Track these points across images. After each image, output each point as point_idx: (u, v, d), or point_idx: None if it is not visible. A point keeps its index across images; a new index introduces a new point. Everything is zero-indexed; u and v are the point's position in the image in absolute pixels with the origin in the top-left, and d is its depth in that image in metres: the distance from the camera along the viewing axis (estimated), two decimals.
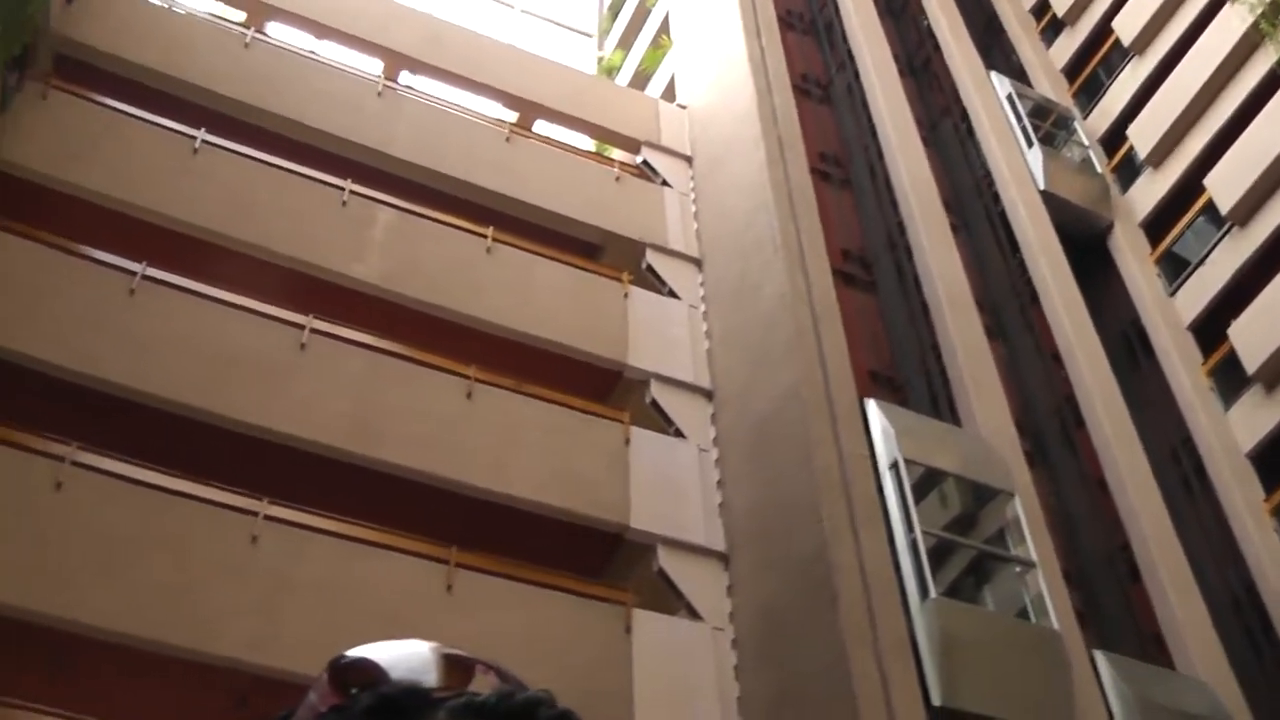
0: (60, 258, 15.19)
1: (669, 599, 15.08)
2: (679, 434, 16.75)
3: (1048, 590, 13.55)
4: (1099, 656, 13.77)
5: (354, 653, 1.30)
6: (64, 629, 12.79)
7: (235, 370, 15.11)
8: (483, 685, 1.25)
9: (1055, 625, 13.31)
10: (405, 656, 1.29)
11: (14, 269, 14.83)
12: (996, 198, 20.42)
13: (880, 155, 19.93)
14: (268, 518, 14.11)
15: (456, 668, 1.30)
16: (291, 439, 14.97)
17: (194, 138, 17.17)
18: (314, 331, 15.92)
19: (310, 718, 1.25)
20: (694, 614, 14.77)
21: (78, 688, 13.77)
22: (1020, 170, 20.72)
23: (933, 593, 12.80)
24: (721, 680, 14.07)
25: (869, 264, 17.95)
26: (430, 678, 1.28)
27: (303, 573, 13.86)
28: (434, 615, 13.86)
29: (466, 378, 16.32)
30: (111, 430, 14.54)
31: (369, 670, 1.28)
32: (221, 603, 13.22)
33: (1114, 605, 15.31)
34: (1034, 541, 14.03)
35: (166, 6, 20.04)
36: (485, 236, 18.26)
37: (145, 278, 15.32)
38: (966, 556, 14.24)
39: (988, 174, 20.84)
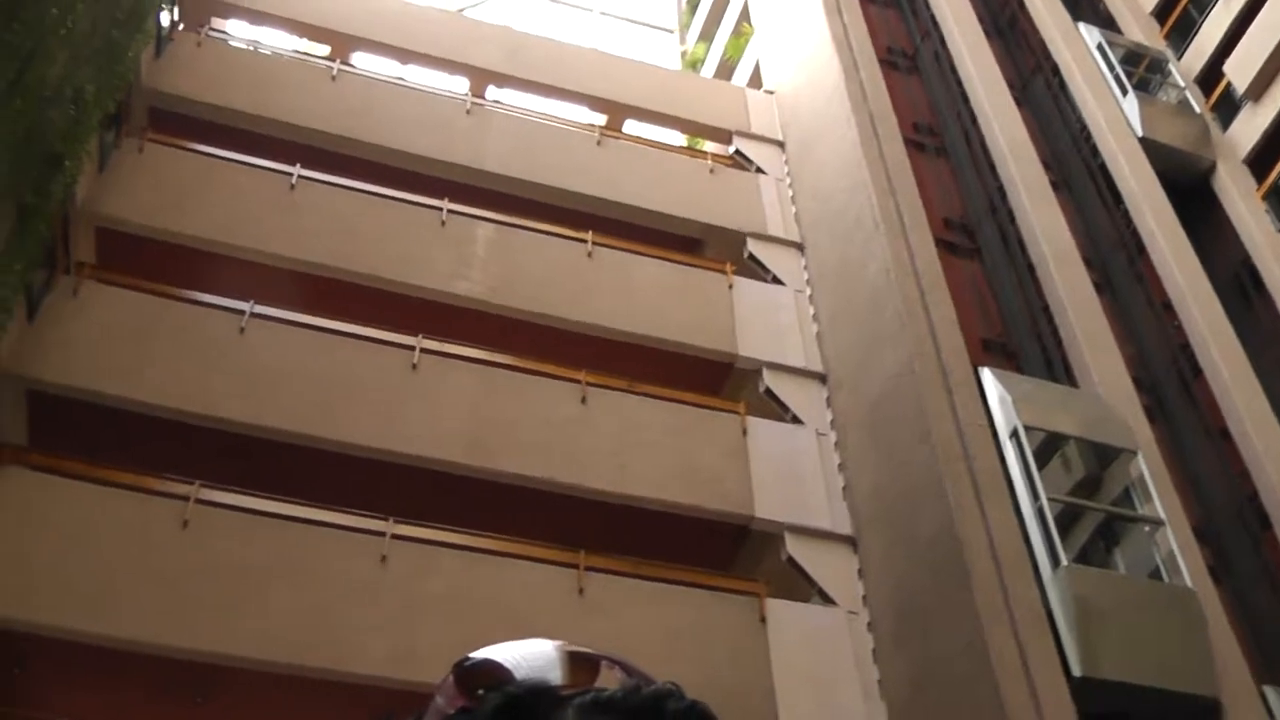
0: (169, 305, 15.55)
1: (800, 587, 14.99)
2: (796, 420, 16.64)
3: (1178, 547, 13.19)
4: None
5: (479, 654, 1.31)
6: (204, 661, 13.11)
7: (350, 397, 15.33)
8: (608, 681, 1.24)
9: (1189, 583, 12.99)
10: (530, 656, 1.30)
11: (125, 320, 15.19)
12: (1095, 150, 19.96)
13: (974, 120, 19.63)
14: (395, 537, 14.30)
15: (581, 665, 1.30)
16: (411, 459, 15.15)
17: (290, 174, 17.45)
18: (424, 351, 16.09)
19: None
20: (827, 600, 14.67)
21: (222, 717, 14.13)
22: (1117, 120, 20.25)
23: (1064, 560, 12.52)
24: (860, 665, 13.94)
25: (972, 231, 17.68)
26: (555, 676, 1.29)
27: (435, 587, 14.01)
28: (568, 620, 13.93)
29: (579, 383, 16.38)
30: (234, 466, 14.85)
31: (494, 671, 1.30)
32: (357, 623, 13.42)
33: (1246, 557, 14.90)
34: (1161, 499, 13.67)
35: (252, 49, 20.41)
36: (585, 241, 18.32)
37: (254, 315, 15.61)
38: (1094, 520, 13.90)
39: (1084, 127, 20.39)
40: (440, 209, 17.99)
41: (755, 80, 24.20)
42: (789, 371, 17.27)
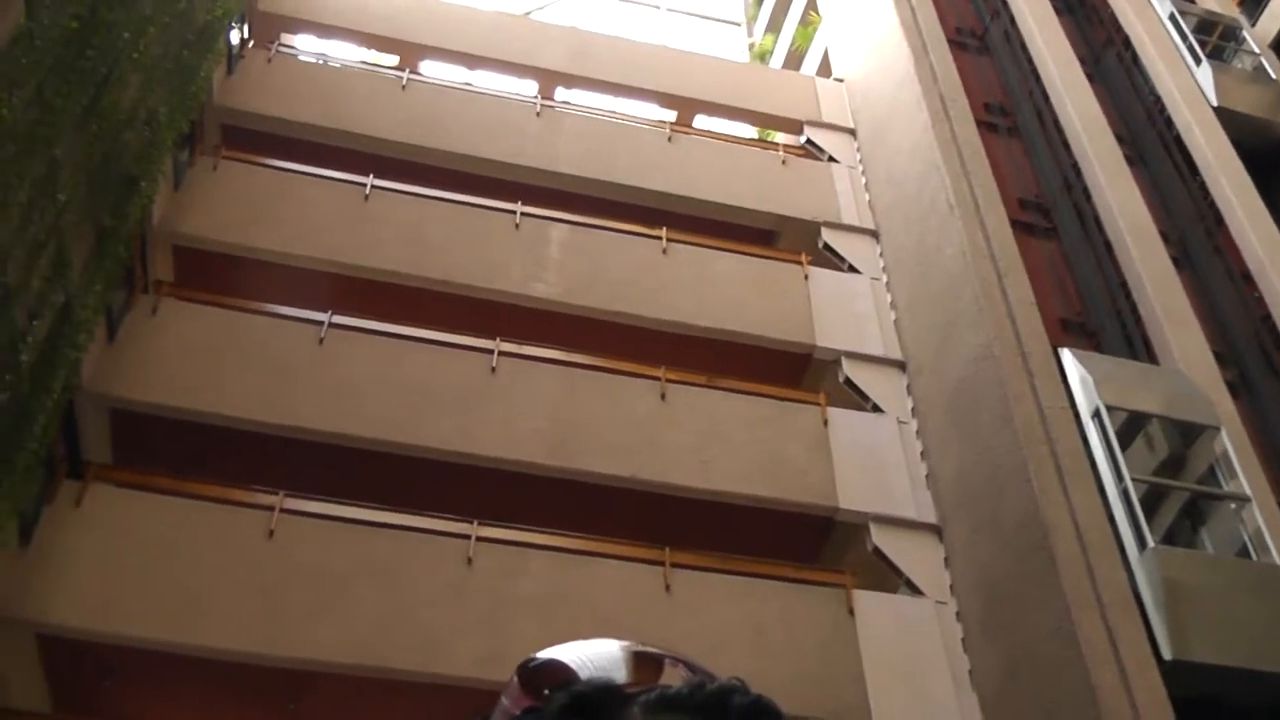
0: (247, 319, 15.78)
1: (887, 577, 14.86)
2: (876, 409, 16.51)
3: (1265, 524, 12.87)
4: None
5: (543, 654, 1.32)
6: (294, 668, 13.30)
7: (430, 402, 15.44)
8: (673, 678, 1.23)
9: (1278, 560, 12.69)
10: (594, 656, 1.30)
11: (205, 336, 15.46)
12: (1169, 122, 19.53)
13: (1046, 97, 19.32)
14: (480, 539, 14.40)
15: (646, 663, 1.30)
16: (493, 461, 15.24)
17: (363, 185, 17.64)
18: (503, 354, 16.18)
19: None
20: (914, 589, 14.52)
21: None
22: (1190, 90, 19.82)
23: (1150, 542, 12.24)
24: (950, 654, 13.77)
25: (1047, 210, 17.42)
26: (620, 675, 1.28)
27: (521, 588, 14.09)
28: (655, 617, 13.93)
29: (658, 380, 16.37)
30: (317, 475, 15.07)
31: (559, 671, 1.29)
32: (445, 625, 13.53)
33: None
34: (1246, 475, 13.34)
35: (321, 63, 20.64)
36: (660, 238, 18.31)
37: (332, 325, 15.78)
38: (1179, 499, 13.60)
39: (1157, 99, 19.98)
40: (514, 212, 18.08)
41: (824, 69, 24.06)
42: (868, 360, 17.14)
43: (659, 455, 15.62)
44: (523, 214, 18.10)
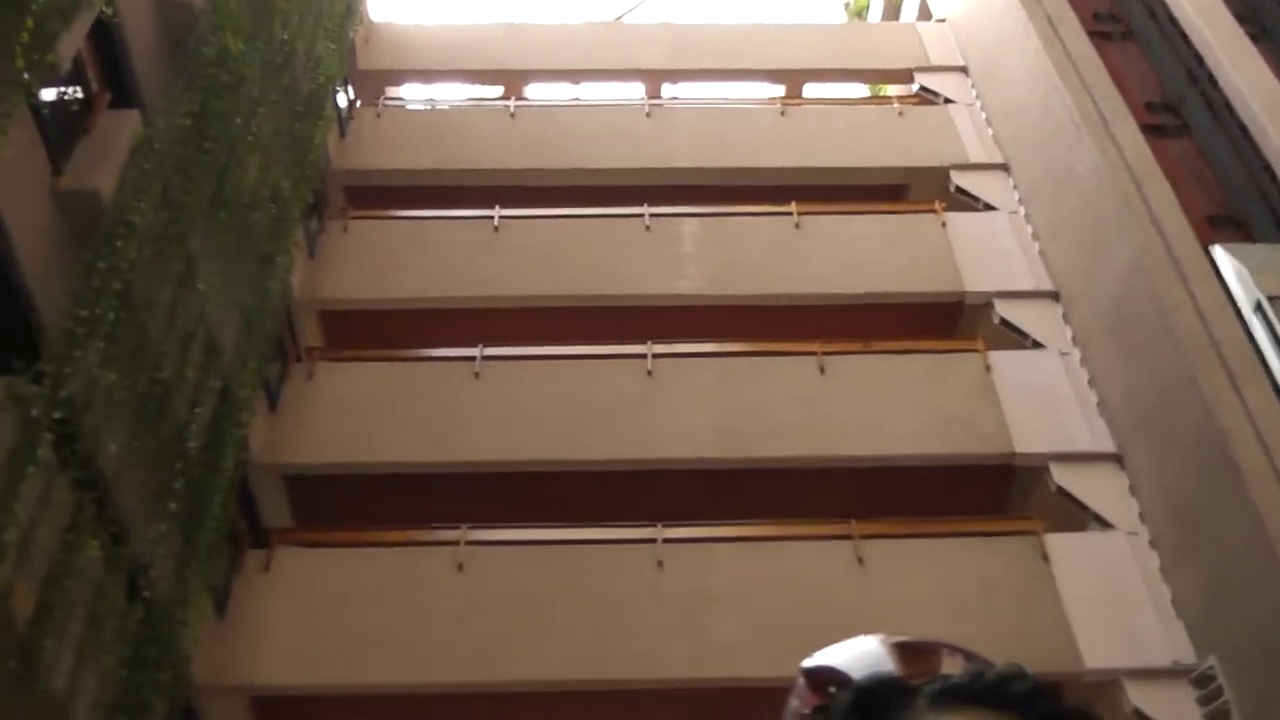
0: (401, 367, 16.17)
1: (1074, 516, 14.47)
2: (1036, 345, 16.11)
3: None
4: None
5: (811, 661, 1.32)
6: (503, 691, 13.58)
7: (592, 415, 15.61)
8: (951, 666, 1.24)
9: None
10: (859, 655, 1.32)
11: (362, 391, 15.88)
12: None
13: None
14: (666, 541, 14.49)
15: (912, 654, 1.32)
16: (665, 462, 15.35)
17: (491, 217, 17.88)
18: (656, 356, 16.26)
19: None
20: (1105, 524, 14.11)
21: None
22: None
23: None
24: (1150, 584, 13.33)
25: (1175, 108, 16.80)
26: (890, 669, 1.30)
27: (714, 583, 14.15)
28: (853, 591, 13.84)
29: (815, 354, 16.25)
30: (496, 504, 15.38)
31: (834, 673, 1.30)
32: (645, 631, 13.69)
33: None
34: None
35: (429, 108, 21.00)
36: (791, 214, 18.19)
37: (485, 358, 16.04)
38: None
39: None
40: (642, 215, 18.15)
41: (924, 13, 23.58)
42: (1020, 296, 16.72)
43: (827, 430, 15.51)
44: (651, 215, 18.16)
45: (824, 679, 1.29)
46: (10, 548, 8.75)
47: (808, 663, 1.32)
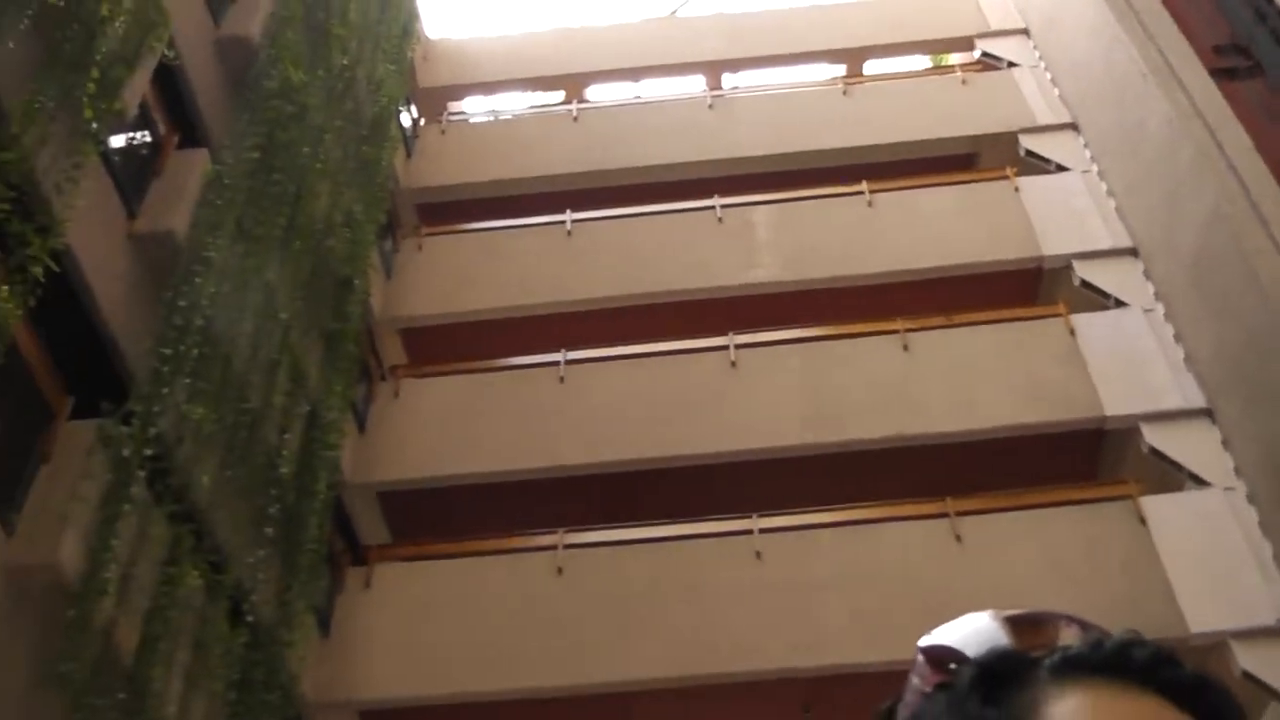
0: (486, 378, 16.35)
1: (1169, 476, 14.23)
2: (1119, 304, 15.85)
3: None
4: None
5: (927, 639, 1.35)
6: (613, 692, 13.69)
7: (679, 410, 15.65)
8: (1068, 637, 1.26)
9: None
10: (972, 632, 1.31)
11: (449, 404, 16.10)
12: None
13: None
14: (763, 531, 14.48)
15: (1025, 627, 1.31)
16: (755, 452, 15.36)
17: (563, 222, 17.99)
18: (739, 347, 16.24)
19: (918, 700, 1.29)
20: (1200, 482, 13.85)
21: None
22: None
23: None
24: (1250, 541, 13.04)
25: (1245, 49, 16.47)
26: (1004, 643, 1.29)
27: (815, 570, 14.14)
28: (952, 569, 13.74)
29: (897, 332, 16.16)
30: (591, 506, 15.48)
31: (951, 651, 1.31)
32: (750, 622, 13.70)
33: None
34: None
35: (493, 119, 21.17)
36: (862, 192, 18.09)
37: (569, 362, 16.14)
38: None
39: None
40: (713, 207, 18.15)
41: None
42: (1099, 256, 16.45)
43: (915, 408, 15.43)
44: (722, 206, 18.13)
45: (942, 657, 1.30)
46: (111, 584, 8.97)
47: (925, 641, 1.33)
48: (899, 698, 1.33)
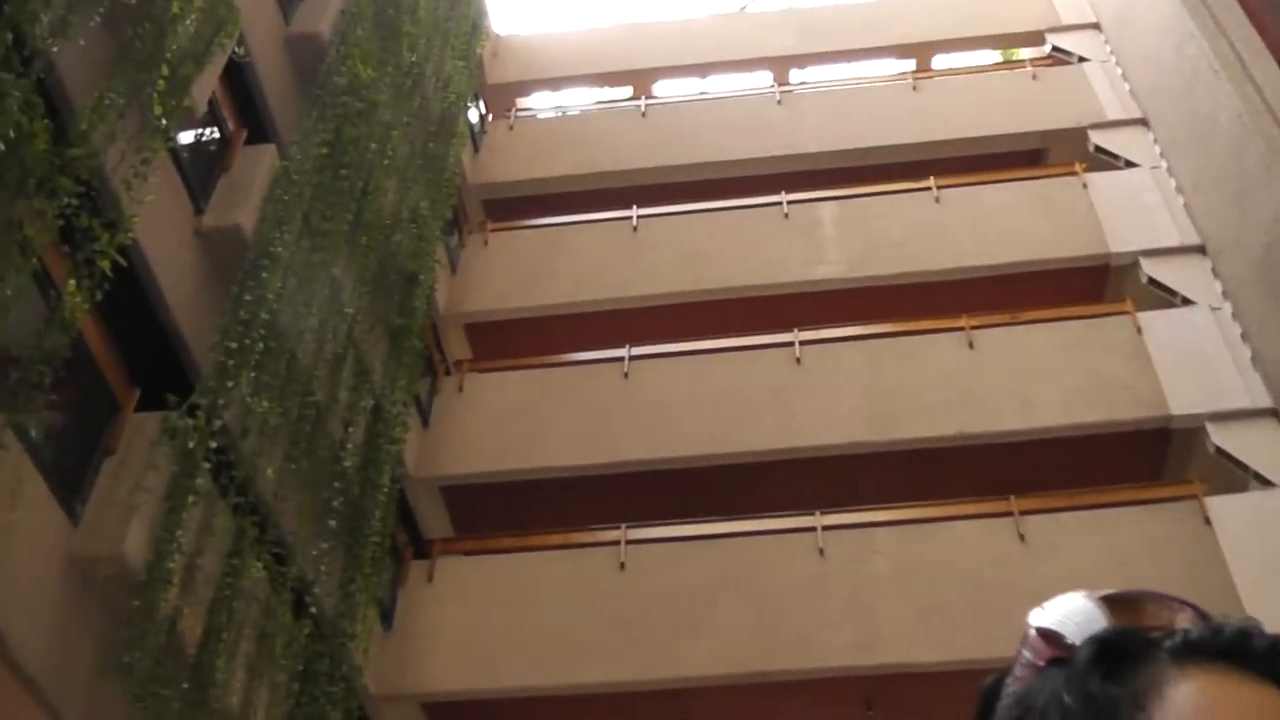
0: (550, 374, 16.42)
1: (1234, 476, 14.02)
2: (1186, 302, 15.63)
3: None
4: None
5: (1037, 618, 1.32)
6: (675, 688, 13.73)
7: (744, 406, 15.63)
8: (1182, 621, 1.25)
9: None
10: (1071, 613, 1.28)
11: (513, 399, 16.21)
12: None
13: None
14: (827, 528, 14.45)
15: (1119, 606, 1.29)
16: (819, 449, 15.32)
17: (630, 218, 18.02)
18: (804, 344, 16.20)
19: (1030, 674, 1.27)
20: (1265, 482, 13.63)
21: None
22: None
23: None
24: None
25: None
26: (1103, 624, 1.27)
27: (877, 568, 14.10)
28: (1016, 568, 13.62)
29: (962, 329, 16.05)
30: (654, 502, 15.52)
31: (1054, 632, 1.29)
32: (812, 619, 13.69)
33: None
34: None
35: (560, 115, 21.25)
36: (930, 188, 17.96)
37: (633, 358, 16.18)
38: None
39: None
40: (780, 203, 18.11)
41: None
42: (1167, 253, 16.21)
43: (980, 405, 15.30)
44: (789, 202, 18.09)
45: (1051, 635, 1.30)
46: (175, 574, 9.13)
47: (1036, 619, 1.33)
48: (1004, 673, 1.31)
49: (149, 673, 8.90)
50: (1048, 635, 1.26)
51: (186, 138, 11.32)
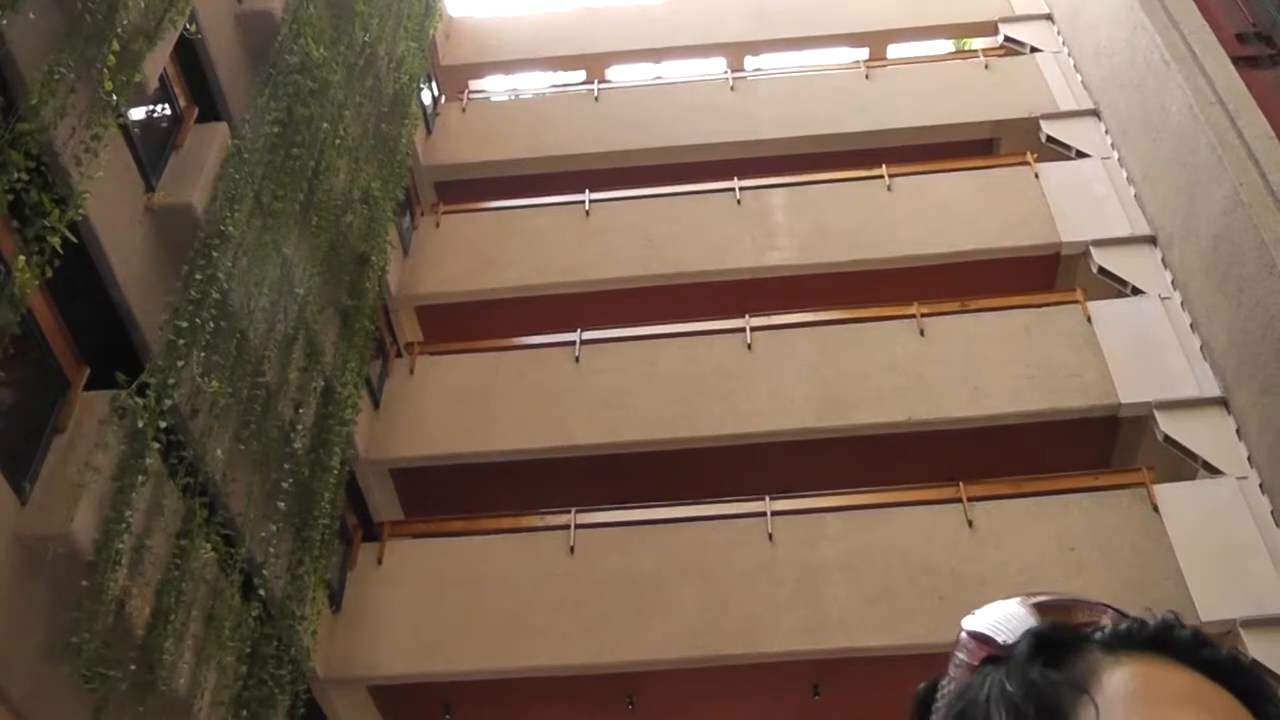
0: (501, 356, 16.35)
1: (1182, 464, 14.20)
2: (1136, 291, 15.80)
3: None
4: None
5: (970, 621, 1.37)
6: (626, 671, 13.77)
7: (694, 392, 15.65)
8: (1105, 623, 1.30)
9: None
10: (1004, 618, 1.31)
11: (464, 382, 16.14)
12: None
13: None
14: (776, 513, 14.50)
15: (1052, 611, 1.32)
16: (769, 435, 15.36)
17: (582, 202, 17.98)
18: (755, 330, 16.23)
19: (965, 674, 1.29)
20: (1213, 471, 13.81)
21: (654, 715, 14.79)
22: None
23: None
24: (1263, 531, 13.01)
25: (1268, 36, 16.36)
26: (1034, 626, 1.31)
27: (826, 553, 14.15)
28: (964, 555, 13.73)
29: (913, 317, 16.13)
30: (604, 487, 15.51)
31: (986, 636, 1.32)
32: (761, 604, 13.74)
33: None
34: None
35: (513, 98, 21.16)
36: (881, 176, 18.03)
37: (584, 342, 16.16)
38: None
39: None
40: (732, 189, 18.12)
41: None
42: (1117, 243, 16.39)
43: (929, 392, 15.39)
44: (741, 188, 18.10)
45: (984, 638, 1.32)
46: (124, 555, 9.04)
47: (969, 623, 1.35)
48: (937, 678, 1.33)
49: (97, 653, 8.81)
50: (981, 638, 1.30)
51: (138, 114, 11.17)
